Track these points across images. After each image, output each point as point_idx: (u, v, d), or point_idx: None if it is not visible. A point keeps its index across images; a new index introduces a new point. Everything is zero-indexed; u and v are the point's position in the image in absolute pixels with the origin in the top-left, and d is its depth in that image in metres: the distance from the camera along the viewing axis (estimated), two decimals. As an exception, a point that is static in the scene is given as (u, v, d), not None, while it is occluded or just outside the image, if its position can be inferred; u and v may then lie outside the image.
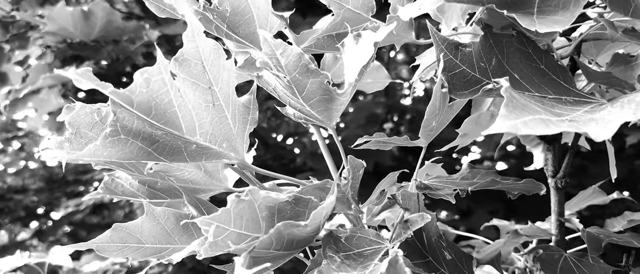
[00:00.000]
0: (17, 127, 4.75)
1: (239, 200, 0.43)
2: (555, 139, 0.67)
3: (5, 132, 4.94)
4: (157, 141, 0.47)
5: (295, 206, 0.46)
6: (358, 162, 0.48)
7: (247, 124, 0.51)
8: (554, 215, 0.72)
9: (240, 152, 0.52)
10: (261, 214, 0.45)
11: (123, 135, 0.45)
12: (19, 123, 4.69)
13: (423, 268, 0.57)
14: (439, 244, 0.61)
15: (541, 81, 0.52)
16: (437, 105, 0.46)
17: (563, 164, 0.68)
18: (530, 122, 0.37)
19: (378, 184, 0.53)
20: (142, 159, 0.47)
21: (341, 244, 0.47)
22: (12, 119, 4.87)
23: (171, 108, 0.44)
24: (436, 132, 0.51)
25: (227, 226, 0.43)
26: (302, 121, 0.56)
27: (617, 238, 0.67)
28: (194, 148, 0.49)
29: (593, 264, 0.64)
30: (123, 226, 0.53)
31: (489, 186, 0.56)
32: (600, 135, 0.37)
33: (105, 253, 0.53)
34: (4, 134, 4.93)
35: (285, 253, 0.48)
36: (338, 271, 0.42)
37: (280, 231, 0.43)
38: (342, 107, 0.52)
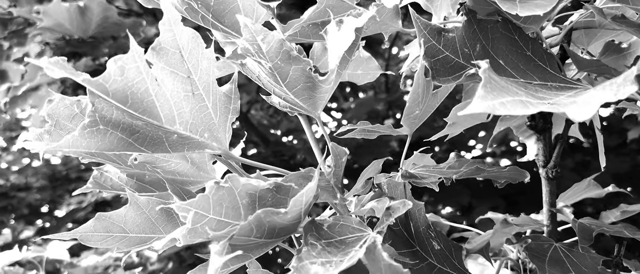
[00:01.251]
0: (20, 126, 4.77)
1: (218, 187, 0.42)
2: (545, 129, 0.66)
3: (8, 131, 4.96)
4: (138, 131, 0.47)
5: (276, 193, 0.46)
6: (341, 149, 0.47)
7: (228, 114, 0.51)
8: (546, 205, 0.72)
9: (223, 142, 0.52)
10: (242, 201, 0.45)
11: (102, 126, 0.45)
12: (23, 122, 4.71)
13: (410, 257, 0.57)
14: (427, 234, 0.60)
15: (527, 67, 0.51)
16: (419, 92, 0.46)
17: (554, 154, 0.67)
18: (508, 103, 0.37)
19: (363, 173, 0.53)
20: (123, 150, 0.47)
21: (323, 231, 0.47)
22: (15, 118, 4.89)
23: (148, 97, 0.43)
24: (420, 120, 0.51)
25: (206, 213, 0.42)
26: (288, 109, 0.56)
27: (608, 228, 0.66)
28: (175, 138, 0.49)
29: (583, 254, 0.63)
30: (106, 215, 0.52)
31: (474, 174, 0.56)
32: (579, 115, 0.36)
33: (89, 242, 0.53)
34: (8, 133, 4.95)
35: (268, 242, 0.47)
36: (318, 257, 0.41)
37: (261, 218, 0.43)
38: (326, 95, 0.52)
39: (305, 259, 0.41)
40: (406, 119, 0.47)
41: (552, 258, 0.61)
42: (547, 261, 0.60)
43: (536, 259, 0.59)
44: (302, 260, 0.40)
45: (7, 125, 4.99)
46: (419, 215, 0.60)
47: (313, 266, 0.40)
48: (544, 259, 0.60)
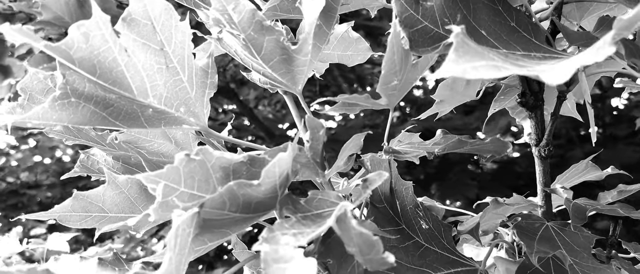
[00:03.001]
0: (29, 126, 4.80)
1: (189, 159, 0.42)
2: (536, 106, 0.65)
3: (21, 130, 5.01)
4: (112, 105, 0.46)
5: (251, 167, 0.45)
6: (316, 122, 0.46)
7: (206, 89, 0.50)
8: (539, 185, 0.70)
9: (201, 117, 0.51)
10: (215, 175, 0.44)
11: (74, 98, 0.44)
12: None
13: (396, 235, 0.56)
14: (414, 213, 0.59)
15: (510, 37, 0.50)
16: (396, 60, 0.45)
17: (546, 131, 0.66)
18: (481, 67, 0.35)
19: (343, 148, 0.52)
20: (97, 125, 0.47)
21: (300, 205, 0.46)
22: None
23: (117, 67, 0.43)
24: (400, 92, 0.49)
25: (178, 186, 0.42)
26: (268, 86, 0.55)
27: (602, 207, 0.65)
28: (151, 113, 0.48)
29: (575, 232, 0.61)
30: (84, 194, 0.52)
31: (457, 148, 0.54)
32: (553, 78, 0.35)
33: (68, 222, 0.52)
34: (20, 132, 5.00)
35: (245, 217, 0.46)
36: (291, 229, 0.41)
37: (233, 190, 0.42)
38: (304, 69, 0.51)
39: (277, 230, 0.40)
40: (383, 88, 0.45)
41: (543, 236, 0.60)
42: (537, 239, 0.59)
43: (525, 237, 0.57)
44: (273, 231, 0.39)
45: (18, 124, 5.01)
46: (406, 194, 0.59)
47: (284, 236, 0.39)
48: (533, 238, 0.59)
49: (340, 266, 0.47)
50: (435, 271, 0.55)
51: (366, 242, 0.38)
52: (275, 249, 0.37)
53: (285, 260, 0.36)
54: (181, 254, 0.40)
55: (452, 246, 0.60)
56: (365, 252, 0.39)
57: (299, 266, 0.35)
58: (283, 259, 0.36)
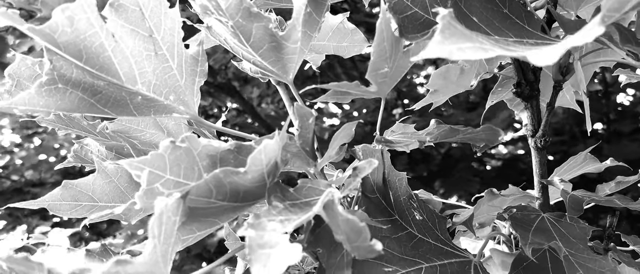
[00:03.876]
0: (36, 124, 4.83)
1: (175, 146, 0.41)
2: (532, 96, 0.64)
3: (25, 129, 5.04)
4: (100, 92, 0.46)
5: (238, 155, 0.44)
6: (305, 110, 0.46)
7: (196, 77, 0.50)
8: (536, 177, 0.70)
9: (191, 106, 0.50)
10: (202, 163, 0.43)
11: (61, 84, 0.44)
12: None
13: (389, 226, 0.55)
14: (408, 205, 0.59)
15: (503, 24, 0.49)
16: (386, 47, 0.44)
17: (542, 122, 0.65)
18: (467, 49, 0.35)
19: (334, 137, 0.51)
20: (85, 112, 0.46)
21: (289, 193, 0.45)
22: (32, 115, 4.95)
23: (104, 53, 0.42)
24: (392, 80, 0.49)
25: (163, 173, 0.41)
26: (259, 75, 0.55)
27: (598, 198, 0.64)
28: (140, 100, 0.48)
29: (571, 224, 0.61)
30: (73, 183, 0.52)
31: (449, 137, 0.54)
32: (540, 59, 0.34)
33: (58, 212, 0.52)
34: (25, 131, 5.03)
35: (234, 205, 0.46)
36: (278, 215, 0.40)
37: (219, 178, 0.41)
38: (294, 57, 0.50)
39: (263, 217, 0.39)
40: (373, 75, 0.45)
41: (539, 227, 0.59)
42: (532, 231, 0.58)
43: (520, 228, 0.57)
44: (259, 218, 0.39)
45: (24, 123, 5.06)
46: (399, 185, 0.59)
47: (270, 223, 0.39)
48: (528, 229, 0.58)
49: (330, 255, 0.47)
50: (428, 262, 0.54)
51: (353, 229, 0.37)
52: (261, 235, 0.36)
53: (270, 245, 0.36)
54: (167, 243, 0.40)
55: (447, 238, 0.59)
56: (352, 239, 0.38)
57: (284, 251, 0.35)
58: (268, 244, 0.36)
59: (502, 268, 0.67)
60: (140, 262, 0.34)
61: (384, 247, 0.53)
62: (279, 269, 0.34)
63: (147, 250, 0.34)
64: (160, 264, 0.40)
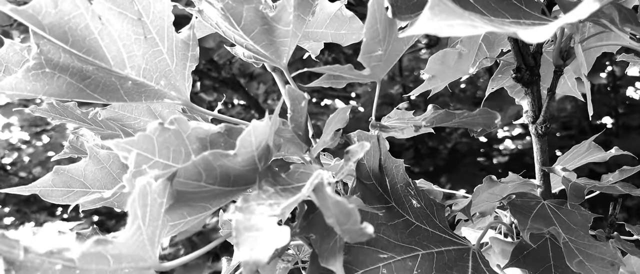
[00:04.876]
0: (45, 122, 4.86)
1: (163, 129, 0.41)
2: (532, 81, 0.63)
3: (34, 127, 5.07)
4: (89, 76, 0.45)
5: (228, 138, 0.44)
6: (297, 93, 0.45)
7: (187, 61, 0.49)
8: (537, 165, 0.68)
9: (182, 91, 0.50)
10: (192, 146, 0.43)
11: (48, 68, 0.43)
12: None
13: (385, 213, 0.55)
14: (405, 192, 0.58)
15: (499, 5, 0.48)
16: (379, 29, 0.43)
17: (543, 108, 0.64)
18: (457, 25, 0.34)
19: (328, 122, 0.50)
20: (74, 97, 0.46)
21: (281, 178, 0.45)
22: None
23: (90, 35, 0.42)
24: (386, 64, 0.48)
25: (152, 156, 0.41)
26: (252, 60, 0.54)
27: (600, 184, 0.63)
28: (130, 85, 0.47)
29: (572, 211, 0.60)
30: (65, 168, 0.51)
31: (445, 121, 0.53)
32: (531, 37, 0.33)
33: (50, 198, 0.51)
34: (33, 129, 5.06)
35: (224, 190, 0.45)
36: (268, 199, 0.39)
37: (209, 161, 0.41)
38: (287, 40, 0.49)
39: (252, 201, 0.39)
40: (365, 57, 0.44)
41: (538, 214, 0.58)
42: (531, 217, 0.57)
43: (519, 215, 0.56)
44: (248, 201, 0.38)
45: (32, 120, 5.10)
46: (396, 172, 0.58)
47: (259, 206, 0.38)
48: (528, 215, 0.57)
49: (323, 240, 0.46)
50: (424, 249, 0.54)
51: (343, 211, 0.36)
52: (248, 218, 0.36)
53: (257, 228, 0.35)
54: (154, 226, 0.39)
55: (445, 225, 0.58)
56: (342, 222, 0.37)
57: (271, 234, 0.34)
58: (255, 227, 0.35)
59: (502, 256, 0.66)
60: (121, 242, 0.33)
61: (380, 234, 0.53)
62: (266, 252, 0.34)
63: (128, 231, 0.33)
64: (147, 247, 0.40)
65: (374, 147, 0.55)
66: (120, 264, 0.39)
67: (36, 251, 0.31)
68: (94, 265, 0.37)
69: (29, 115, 5.34)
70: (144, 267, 0.41)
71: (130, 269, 0.41)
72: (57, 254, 0.31)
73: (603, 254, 0.53)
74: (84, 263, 0.36)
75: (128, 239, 0.35)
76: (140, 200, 0.35)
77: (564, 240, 0.53)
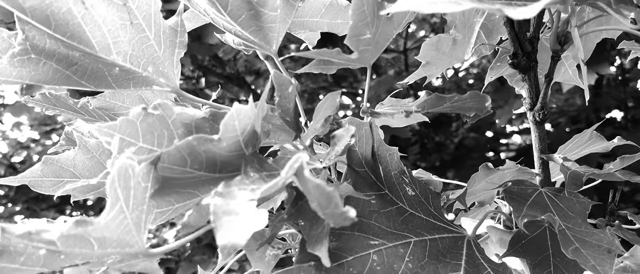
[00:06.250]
0: (55, 121, 4.90)
1: (147, 113, 0.40)
2: (529, 68, 0.62)
3: (43, 126, 5.11)
4: (76, 63, 0.45)
5: (213, 123, 0.43)
6: (284, 78, 0.45)
7: (175, 48, 0.48)
8: (536, 153, 0.67)
9: (171, 78, 0.49)
10: (177, 131, 0.42)
11: (34, 55, 0.43)
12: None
13: (377, 200, 0.54)
14: (400, 180, 0.57)
15: (490, -12, 0.47)
16: (366, 11, 0.43)
17: (540, 94, 0.63)
18: (441, 2, 0.33)
19: (317, 108, 0.50)
20: (61, 84, 0.45)
21: (267, 165, 0.44)
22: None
23: (73, 20, 0.41)
24: (375, 48, 0.47)
25: (136, 141, 0.40)
26: (242, 47, 0.53)
27: (599, 172, 0.62)
28: (118, 72, 0.47)
29: (570, 198, 0.59)
30: (54, 158, 0.51)
31: (437, 106, 0.52)
32: (517, 14, 0.33)
33: (40, 188, 0.51)
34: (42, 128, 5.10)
35: (211, 177, 0.45)
36: (250, 185, 0.39)
37: (193, 145, 0.40)
38: (275, 25, 0.49)
39: (235, 186, 0.38)
40: (353, 41, 0.43)
41: (535, 201, 0.57)
42: (527, 205, 0.56)
43: (515, 202, 0.55)
44: (230, 186, 0.38)
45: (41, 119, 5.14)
46: (390, 159, 0.57)
47: (241, 191, 0.37)
48: (524, 203, 0.56)
49: (312, 227, 0.46)
50: (417, 236, 0.53)
51: (323, 194, 0.36)
52: (227, 202, 0.35)
53: (236, 212, 0.35)
54: (139, 210, 0.39)
55: (440, 213, 0.58)
56: (324, 205, 0.37)
57: (249, 217, 0.34)
58: (234, 211, 0.35)
59: (500, 245, 0.65)
60: (103, 225, 0.33)
61: (372, 221, 0.52)
62: (244, 235, 0.33)
63: (109, 213, 0.33)
64: (133, 232, 0.39)
65: (366, 134, 0.54)
66: (105, 249, 0.38)
67: (13, 232, 0.31)
68: (77, 249, 0.37)
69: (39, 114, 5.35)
70: (131, 253, 0.41)
71: (116, 255, 0.40)
72: (35, 235, 0.31)
73: (600, 241, 0.52)
74: (66, 246, 0.35)
75: (110, 222, 0.35)
76: (122, 182, 0.34)
77: (560, 227, 0.52)
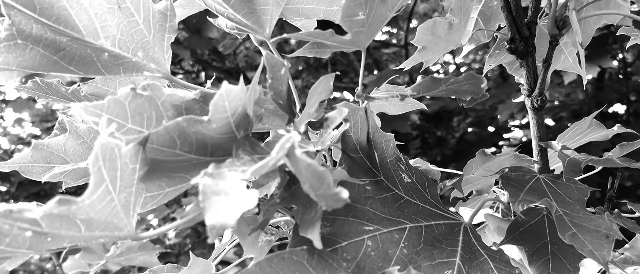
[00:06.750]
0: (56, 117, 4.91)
1: (136, 94, 0.40)
2: (527, 53, 0.61)
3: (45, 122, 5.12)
4: (64, 49, 0.44)
5: (204, 105, 0.43)
6: (277, 60, 0.44)
7: (165, 33, 0.48)
8: (535, 140, 0.67)
9: (162, 63, 0.49)
10: (167, 113, 0.42)
11: (20, 40, 0.42)
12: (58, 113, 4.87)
13: (372, 186, 0.53)
14: (396, 167, 0.56)
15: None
16: (359, -8, 0.42)
17: (539, 80, 0.62)
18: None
19: (311, 92, 0.49)
20: (50, 70, 0.45)
21: (260, 148, 0.43)
22: (51, 109, 5.02)
23: (58, 3, 0.41)
24: (370, 31, 0.46)
25: (125, 122, 0.40)
26: (236, 31, 0.53)
27: (598, 159, 0.61)
28: (107, 58, 0.46)
29: (569, 185, 0.58)
30: (44, 143, 0.50)
31: (431, 89, 0.51)
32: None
33: (31, 175, 0.51)
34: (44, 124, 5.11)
35: (203, 160, 0.44)
36: (242, 167, 0.38)
37: (183, 127, 0.40)
38: (268, 8, 0.48)
39: (225, 168, 0.37)
40: (346, 21, 0.43)
41: (533, 188, 0.57)
42: (525, 191, 0.55)
43: (512, 188, 0.54)
44: (221, 168, 0.37)
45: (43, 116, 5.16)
46: (386, 146, 0.56)
47: (231, 173, 0.37)
48: (521, 189, 0.55)
49: (305, 211, 0.45)
50: (413, 223, 0.52)
51: (315, 175, 0.35)
52: (217, 183, 0.35)
53: (225, 193, 0.34)
54: (127, 193, 0.38)
55: (437, 201, 0.57)
56: (316, 187, 0.36)
57: (238, 197, 0.33)
58: (223, 191, 0.34)
59: (498, 233, 0.64)
60: (88, 204, 0.32)
61: (367, 207, 0.51)
62: (234, 216, 0.32)
63: (93, 192, 0.32)
64: (122, 215, 0.39)
65: (361, 120, 0.53)
66: (93, 232, 0.38)
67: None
68: (64, 231, 0.36)
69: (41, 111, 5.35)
70: (120, 237, 0.40)
71: (105, 239, 0.40)
72: (17, 214, 0.31)
73: (598, 226, 0.51)
74: (51, 227, 0.35)
75: (96, 203, 0.34)
76: (107, 162, 0.34)
77: (557, 213, 0.52)
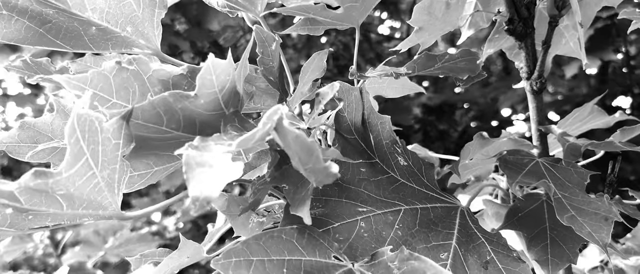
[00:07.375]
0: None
1: (121, 68, 0.39)
2: (526, 34, 0.60)
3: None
4: (49, 21, 0.43)
5: (191, 80, 0.42)
6: (267, 34, 0.43)
7: (155, 8, 0.47)
8: (534, 124, 0.65)
9: (152, 39, 0.48)
10: (154, 89, 0.41)
11: (5, 11, 0.41)
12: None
13: (367, 168, 0.52)
14: (391, 149, 0.55)
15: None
16: (351, -36, 0.41)
17: (537, 62, 0.61)
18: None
19: (303, 70, 0.48)
20: (35, 43, 0.44)
21: (249, 124, 0.42)
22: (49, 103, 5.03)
23: (43, -30, 0.40)
24: (363, 6, 0.45)
25: (109, 97, 0.39)
26: (227, 10, 0.52)
27: (597, 142, 0.60)
28: (95, 31, 0.45)
29: (568, 168, 0.57)
30: (30, 122, 0.49)
31: (427, 67, 0.50)
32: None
33: (18, 154, 0.50)
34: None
35: (191, 138, 0.43)
36: (228, 140, 0.37)
37: (169, 102, 0.39)
38: (259, -16, 0.47)
39: (211, 141, 0.36)
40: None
41: (531, 171, 0.55)
42: (523, 173, 0.54)
43: (510, 170, 0.53)
44: (206, 141, 0.36)
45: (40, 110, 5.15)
46: (382, 128, 0.55)
47: (217, 146, 0.36)
48: (519, 171, 0.54)
49: (296, 191, 0.44)
50: (408, 205, 0.51)
51: (303, 147, 0.34)
52: (201, 154, 0.34)
53: (209, 164, 0.33)
54: (110, 170, 0.37)
55: (433, 184, 0.56)
56: (304, 160, 0.35)
57: (222, 169, 0.32)
58: (207, 163, 0.33)
59: (496, 219, 0.63)
60: (66, 177, 0.31)
61: (361, 188, 0.50)
62: (217, 187, 0.31)
63: (71, 166, 0.31)
64: (106, 193, 0.38)
65: (356, 100, 0.52)
66: (75, 210, 0.37)
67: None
68: (44, 207, 0.35)
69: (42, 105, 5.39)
70: (104, 216, 0.39)
71: (89, 218, 0.39)
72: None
73: (597, 209, 0.50)
74: (31, 203, 0.34)
75: (75, 177, 0.33)
76: (86, 135, 0.33)
77: (555, 195, 0.51)
